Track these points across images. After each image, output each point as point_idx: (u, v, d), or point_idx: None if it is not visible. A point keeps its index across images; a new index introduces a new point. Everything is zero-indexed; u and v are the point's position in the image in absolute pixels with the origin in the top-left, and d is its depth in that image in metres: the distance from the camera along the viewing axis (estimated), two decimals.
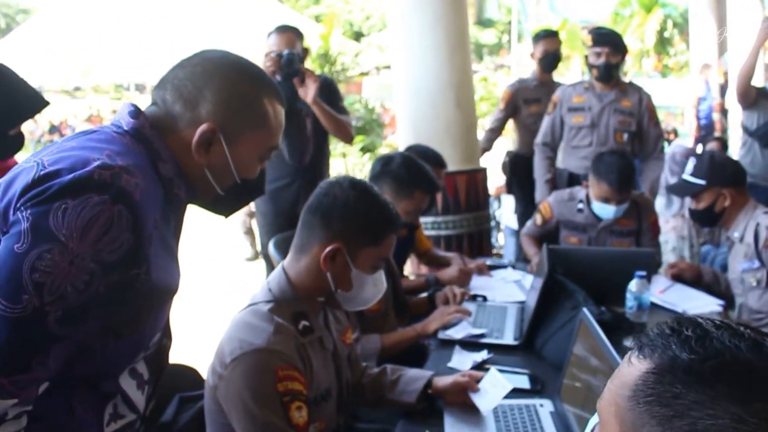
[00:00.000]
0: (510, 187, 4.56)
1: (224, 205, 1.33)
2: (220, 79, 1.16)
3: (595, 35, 3.56)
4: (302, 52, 3.29)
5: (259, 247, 6.95)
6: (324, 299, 1.58)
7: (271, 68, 3.08)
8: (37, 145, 18.12)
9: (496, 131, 4.41)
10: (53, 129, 18.77)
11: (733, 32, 9.20)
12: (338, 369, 1.63)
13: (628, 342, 1.97)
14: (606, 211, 2.85)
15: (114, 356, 1.09)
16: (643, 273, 2.06)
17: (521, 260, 3.33)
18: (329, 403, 1.57)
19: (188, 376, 1.73)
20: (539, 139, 3.80)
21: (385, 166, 2.41)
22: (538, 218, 3.12)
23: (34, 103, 1.83)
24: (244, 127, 1.18)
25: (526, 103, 4.18)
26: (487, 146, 4.39)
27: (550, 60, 4.13)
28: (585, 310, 1.64)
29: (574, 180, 3.53)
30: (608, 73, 3.49)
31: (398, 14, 3.79)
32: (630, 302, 2.06)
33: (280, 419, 1.36)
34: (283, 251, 2.69)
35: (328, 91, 3.47)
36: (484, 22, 24.02)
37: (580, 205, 2.97)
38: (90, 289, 0.96)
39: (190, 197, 1.20)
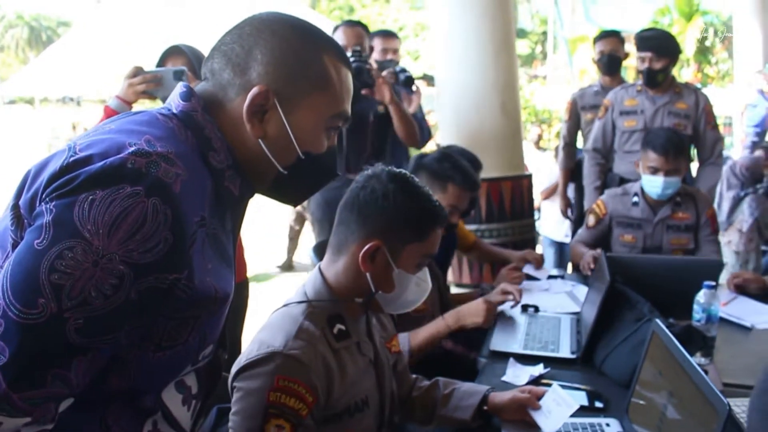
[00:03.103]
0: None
1: (290, 190, 1.12)
2: (271, 36, 1.01)
3: (638, 40, 3.41)
4: (369, 52, 3.27)
5: (296, 257, 6.93)
6: (363, 301, 1.46)
7: None
8: None
9: (570, 144, 4.18)
10: None
11: None
12: (380, 378, 1.51)
13: (697, 358, 1.83)
14: (654, 184, 2.73)
15: (154, 370, 0.95)
16: (712, 283, 1.92)
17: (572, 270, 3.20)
18: (366, 415, 1.45)
19: (227, 386, 1.63)
20: (589, 144, 3.67)
21: (419, 160, 2.32)
22: (590, 219, 2.98)
23: None
24: (302, 88, 1.02)
25: (584, 110, 4.03)
26: (568, 164, 4.11)
27: (606, 62, 3.94)
28: (658, 321, 1.51)
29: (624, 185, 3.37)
30: (652, 80, 3.36)
31: (442, 12, 3.70)
32: (698, 314, 1.92)
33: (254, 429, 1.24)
34: (322, 257, 2.60)
35: None
36: (516, 33, 23.85)
37: (635, 198, 2.85)
38: (118, 295, 0.83)
39: (245, 191, 1.05)
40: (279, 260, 6.63)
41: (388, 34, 3.70)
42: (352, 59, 3.04)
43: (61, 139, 21.38)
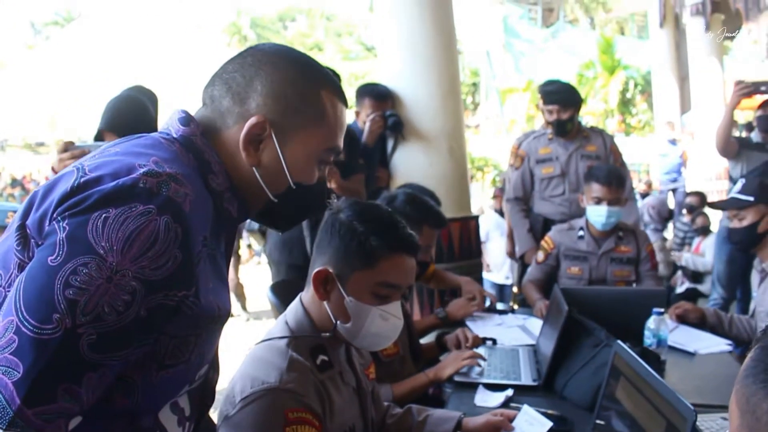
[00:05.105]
0: None
1: (279, 217, 1.15)
2: (273, 69, 1.05)
3: (543, 94, 3.65)
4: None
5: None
6: (330, 333, 1.45)
7: None
8: None
9: None
10: (15, 183, 18.40)
11: (696, 91, 9.63)
12: (363, 405, 1.55)
13: None
14: (599, 213, 2.94)
15: (156, 389, 0.96)
16: (661, 310, 2.06)
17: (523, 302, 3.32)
18: None
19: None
20: (510, 194, 3.86)
21: (390, 204, 2.34)
22: (539, 255, 3.15)
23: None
24: (299, 122, 1.05)
25: None
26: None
27: None
28: (620, 343, 1.62)
29: (549, 225, 3.55)
30: (562, 129, 3.60)
31: (391, 61, 3.84)
32: (649, 339, 2.05)
33: None
34: (282, 297, 2.62)
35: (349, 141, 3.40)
36: None
37: (581, 232, 3.07)
38: (130, 312, 0.84)
39: (242, 214, 1.08)
40: None
41: (379, 97, 3.65)
42: None
43: None
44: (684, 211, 6.53)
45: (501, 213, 6.07)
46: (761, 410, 0.67)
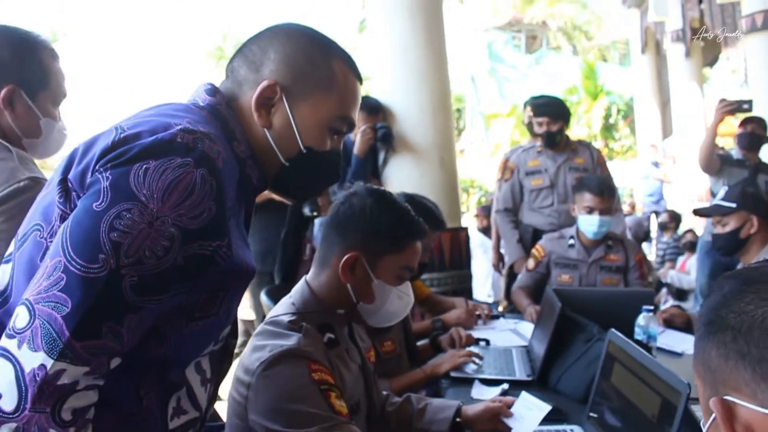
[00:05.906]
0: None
1: (293, 185, 1.20)
2: (287, 39, 1.12)
3: (534, 106, 3.77)
4: None
5: None
6: (345, 312, 1.53)
7: None
8: None
9: None
10: None
11: (677, 116, 9.83)
12: (368, 383, 1.60)
13: None
14: (590, 222, 3.01)
15: (186, 341, 1.02)
16: (650, 307, 2.13)
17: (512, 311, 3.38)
18: (359, 417, 1.53)
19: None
20: (500, 206, 3.93)
21: None
22: (530, 263, 3.22)
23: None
24: (309, 86, 1.11)
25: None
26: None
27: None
28: (614, 331, 1.68)
29: (538, 235, 3.62)
30: (551, 141, 3.72)
31: (383, 75, 3.93)
32: (639, 336, 2.11)
33: (323, 409, 1.30)
34: (275, 300, 2.65)
35: None
36: None
37: (571, 241, 3.15)
38: (168, 257, 0.90)
39: (260, 183, 1.14)
40: None
41: (371, 110, 3.80)
42: None
43: None
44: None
45: (483, 231, 6.15)
46: (709, 357, 0.69)
